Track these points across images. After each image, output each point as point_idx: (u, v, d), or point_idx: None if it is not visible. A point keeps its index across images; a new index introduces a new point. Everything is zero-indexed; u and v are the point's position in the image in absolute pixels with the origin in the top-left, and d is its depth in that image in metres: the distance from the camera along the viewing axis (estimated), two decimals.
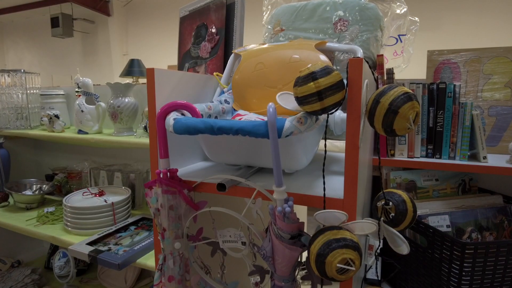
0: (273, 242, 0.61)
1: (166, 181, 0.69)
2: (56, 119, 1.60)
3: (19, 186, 1.66)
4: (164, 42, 6.30)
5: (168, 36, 6.24)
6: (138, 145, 1.32)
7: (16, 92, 1.73)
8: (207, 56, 1.25)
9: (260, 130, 0.59)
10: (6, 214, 1.52)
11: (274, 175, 0.59)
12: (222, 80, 0.99)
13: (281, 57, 0.90)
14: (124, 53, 6.81)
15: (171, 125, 0.68)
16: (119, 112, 1.44)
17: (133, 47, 6.75)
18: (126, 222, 1.36)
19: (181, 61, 1.40)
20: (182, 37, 1.40)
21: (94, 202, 1.37)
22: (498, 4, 4.07)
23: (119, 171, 1.59)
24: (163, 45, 6.28)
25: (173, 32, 6.15)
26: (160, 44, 6.38)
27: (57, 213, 1.49)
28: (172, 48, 6.00)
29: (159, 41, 6.41)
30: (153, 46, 6.46)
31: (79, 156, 1.85)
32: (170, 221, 0.70)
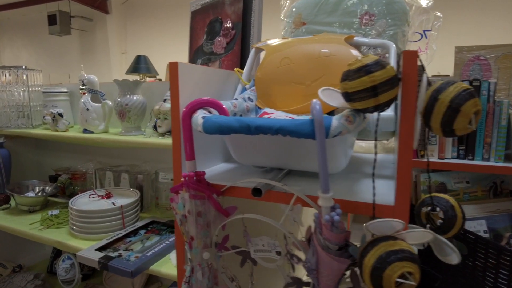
0: (319, 253, 0.54)
1: (194, 185, 0.63)
2: (60, 118, 1.53)
3: (21, 188, 1.58)
4: (163, 40, 6.22)
5: (168, 34, 6.16)
6: (148, 145, 1.26)
7: (17, 90, 1.65)
8: (222, 51, 1.18)
9: (304, 129, 0.53)
10: (8, 217, 1.44)
11: (321, 180, 0.53)
12: (243, 76, 0.93)
13: (308, 52, 0.84)
14: (122, 51, 6.71)
15: (200, 124, 0.61)
16: (127, 111, 1.36)
17: (132, 45, 6.66)
18: (136, 226, 1.29)
19: (193, 57, 1.34)
20: (194, 32, 1.33)
21: (102, 205, 1.30)
22: (499, 3, 4.03)
23: (126, 172, 1.52)
24: (163, 43, 6.20)
25: (173, 30, 6.09)
26: (159, 43, 6.29)
27: (62, 216, 1.41)
28: (172, 46, 5.91)
29: (158, 39, 6.32)
30: (153, 45, 6.37)
31: (83, 157, 1.77)
32: (198, 229, 0.63)
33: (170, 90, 0.70)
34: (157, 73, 1.44)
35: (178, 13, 6.06)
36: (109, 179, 1.55)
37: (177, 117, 0.71)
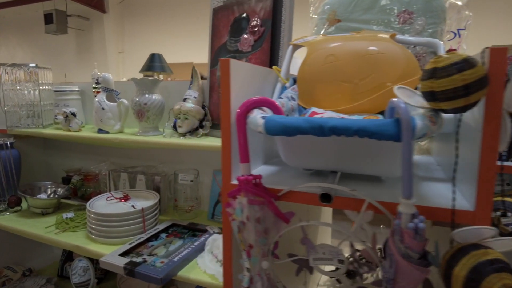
0: (398, 262, 0.50)
1: (254, 190, 0.58)
2: (73, 117, 1.46)
3: (33, 189, 1.52)
4: (161, 40, 6.14)
5: (165, 33, 6.09)
6: (169, 145, 1.20)
7: (27, 88, 1.58)
8: (248, 49, 1.13)
9: (387, 130, 0.48)
10: (21, 220, 1.38)
11: (404, 185, 0.49)
12: (282, 74, 0.88)
13: (355, 49, 0.80)
14: (120, 50, 6.62)
15: (260, 124, 0.57)
16: (145, 110, 1.31)
17: (129, 44, 6.57)
18: (156, 230, 1.24)
19: (214, 56, 1.28)
20: (216, 29, 1.28)
21: (122, 208, 1.24)
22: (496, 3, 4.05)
23: (143, 173, 1.47)
24: (161, 43, 6.12)
25: (171, 30, 6.01)
26: (157, 43, 6.22)
27: (78, 219, 1.35)
28: (170, 46, 5.83)
29: (156, 39, 6.25)
30: (150, 44, 6.29)
31: (94, 157, 1.71)
32: (257, 236, 0.59)
33: (222, 88, 0.65)
34: (171, 71, 1.39)
35: (176, 12, 6.00)
36: (124, 180, 1.49)
37: (227, 117, 0.66)
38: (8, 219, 1.39)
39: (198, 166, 1.44)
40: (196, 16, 5.82)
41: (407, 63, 0.76)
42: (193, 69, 1.36)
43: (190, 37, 5.86)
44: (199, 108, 1.28)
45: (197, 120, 1.28)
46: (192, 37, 5.82)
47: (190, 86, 1.34)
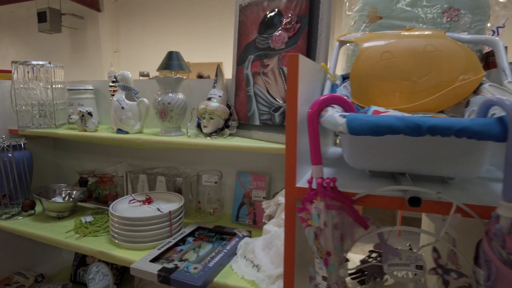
0: (498, 269, 0.46)
1: (332, 194, 0.54)
2: (89, 117, 1.40)
3: (47, 192, 1.45)
4: (157, 39, 6.05)
5: (161, 33, 6.00)
6: (196, 146, 1.15)
7: (38, 87, 1.51)
8: (282, 47, 1.09)
9: (492, 130, 0.45)
10: (37, 225, 1.31)
11: (505, 187, 0.45)
12: (331, 71, 0.84)
13: (412, 46, 0.76)
14: (115, 50, 6.50)
15: (340, 123, 0.52)
16: (169, 110, 1.25)
17: (125, 44, 6.46)
18: (183, 233, 1.18)
19: (241, 54, 1.24)
20: (243, 27, 1.23)
21: (147, 212, 1.19)
22: None
23: (163, 175, 1.41)
24: (156, 43, 6.04)
25: (167, 29, 5.92)
26: (153, 42, 6.13)
27: (97, 223, 1.29)
28: (165, 46, 5.78)
29: (152, 39, 6.16)
30: (146, 44, 6.20)
31: (108, 158, 1.64)
32: (334, 243, 0.54)
33: (288, 85, 0.61)
34: (189, 70, 1.33)
35: (173, 11, 5.91)
36: (143, 182, 1.43)
37: (293, 116, 0.62)
38: (23, 224, 1.32)
39: (220, 167, 1.40)
40: (193, 16, 5.76)
41: (467, 61, 0.73)
42: (218, 67, 1.31)
43: (187, 37, 5.79)
44: (224, 107, 1.23)
45: (222, 120, 1.24)
46: (189, 37, 5.76)
47: (215, 84, 1.30)
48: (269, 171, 1.32)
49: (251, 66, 1.19)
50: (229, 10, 5.33)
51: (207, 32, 5.56)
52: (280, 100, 1.09)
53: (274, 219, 1.10)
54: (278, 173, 1.32)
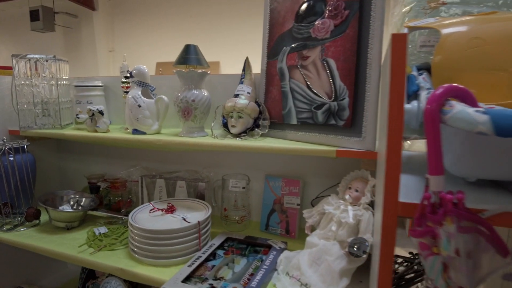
0: None
1: (466, 214, 0.40)
2: (100, 116, 1.24)
3: (54, 200, 1.28)
4: (152, 38, 5.86)
5: (157, 32, 5.81)
6: (225, 148, 1.01)
7: (41, 83, 1.34)
8: (326, 36, 0.95)
9: None
10: (43, 237, 1.14)
11: None
12: None
13: (507, 31, 0.63)
14: (110, 49, 6.29)
15: (481, 121, 0.39)
16: (193, 108, 1.11)
17: (120, 43, 6.25)
18: (212, 246, 1.04)
19: (274, 45, 1.10)
20: (276, 15, 1.09)
21: (172, 222, 1.04)
22: None
23: (183, 179, 1.26)
24: (152, 42, 5.85)
25: (163, 28, 5.74)
26: (148, 41, 5.93)
27: (113, 235, 1.13)
28: (161, 45, 5.57)
29: (147, 38, 5.96)
30: (142, 44, 6.01)
31: (119, 161, 1.48)
32: (469, 276, 0.41)
33: (392, 75, 0.47)
34: (208, 65, 1.20)
35: (169, 10, 5.73)
36: (161, 187, 1.28)
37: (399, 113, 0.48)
38: (28, 236, 1.15)
39: (246, 170, 1.25)
40: (189, 15, 5.58)
41: None
42: (247, 60, 1.17)
43: (183, 36, 5.62)
44: (254, 105, 1.09)
45: (251, 119, 1.10)
46: (185, 36, 5.58)
47: (242, 80, 1.15)
48: (302, 175, 1.18)
49: (287, 59, 1.05)
50: (227, 8, 5.18)
51: (204, 31, 5.40)
52: (324, 96, 0.96)
53: (318, 230, 0.96)
54: (312, 177, 1.18)
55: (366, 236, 0.85)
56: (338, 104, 0.93)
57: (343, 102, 0.92)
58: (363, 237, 0.85)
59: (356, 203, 0.91)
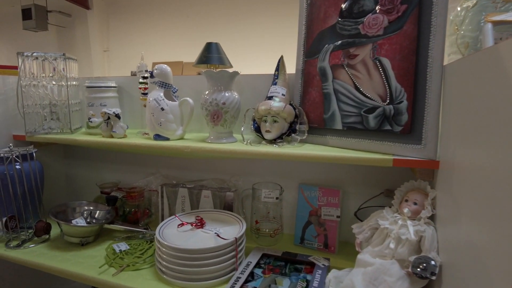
0: None
1: None
2: (117, 120, 1.12)
3: (65, 212, 1.15)
4: (148, 38, 5.71)
5: (153, 32, 5.66)
6: (266, 156, 0.90)
7: (49, 84, 1.21)
8: (378, 33, 0.85)
9: None
10: (56, 255, 1.01)
11: None
12: None
13: None
14: (105, 49, 6.11)
15: None
16: (224, 112, 0.99)
17: (115, 43, 6.08)
18: (250, 265, 0.93)
19: (313, 43, 0.99)
20: (316, 10, 0.98)
21: (205, 239, 0.92)
22: None
23: (208, 188, 1.14)
24: (148, 41, 5.70)
25: (159, 28, 5.58)
26: (144, 41, 5.78)
27: (135, 252, 1.01)
28: (157, 45, 5.42)
29: (143, 38, 5.80)
30: (137, 43, 5.85)
31: (133, 168, 1.35)
32: None
33: None
34: (231, 64, 1.09)
35: (165, 9, 5.58)
36: (183, 197, 1.16)
37: None
38: (39, 253, 1.02)
39: (276, 178, 1.14)
40: (186, 14, 5.45)
41: None
42: (281, 59, 1.06)
43: (179, 36, 5.48)
44: (291, 108, 0.99)
45: (287, 123, 0.99)
46: (181, 36, 5.45)
47: (276, 80, 1.04)
48: (340, 184, 1.08)
49: (330, 57, 0.94)
50: (224, 7, 5.05)
51: (200, 31, 5.27)
52: (376, 98, 0.85)
53: (370, 247, 0.86)
54: (352, 187, 1.08)
55: (432, 254, 0.75)
56: (395, 108, 0.82)
57: (401, 106, 0.82)
58: (428, 255, 0.75)
59: (415, 217, 0.81)
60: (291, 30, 4.98)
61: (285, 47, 5.05)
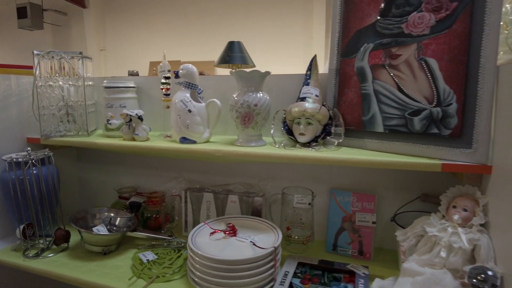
0: None
1: None
2: (139, 122, 1.06)
3: (85, 219, 1.09)
4: (145, 37, 5.62)
5: (150, 31, 5.57)
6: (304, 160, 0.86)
7: (66, 84, 1.15)
8: (424, 32, 0.81)
9: None
10: (79, 265, 0.95)
11: None
12: None
13: None
14: (101, 48, 6.00)
15: None
16: (256, 113, 0.94)
17: (112, 42, 5.98)
18: (288, 275, 0.88)
19: (349, 42, 0.95)
20: (354, 7, 0.94)
21: (242, 248, 0.87)
22: None
23: (235, 193, 1.09)
24: (145, 40, 5.62)
25: (156, 27, 5.49)
26: (141, 40, 5.69)
27: (164, 262, 0.95)
28: (155, 44, 5.33)
29: (140, 37, 5.72)
30: (134, 42, 5.75)
31: (151, 172, 1.29)
32: None
33: None
34: (253, 64, 1.05)
35: (162, 8, 5.49)
36: (208, 203, 1.11)
37: None
38: (60, 263, 0.96)
39: (306, 183, 1.10)
40: (184, 13, 5.37)
41: None
42: (314, 59, 1.01)
43: (177, 35, 5.41)
44: (325, 109, 0.94)
45: (321, 126, 0.95)
46: (179, 35, 5.37)
47: (308, 81, 1.00)
48: (374, 189, 1.04)
49: (369, 57, 0.90)
50: (223, 6, 4.99)
51: (199, 30, 5.19)
52: (422, 100, 0.81)
53: (416, 255, 0.81)
54: (385, 191, 1.04)
55: (489, 265, 0.71)
56: (443, 110, 0.78)
57: (450, 108, 0.78)
58: (485, 265, 0.71)
59: (465, 225, 0.77)
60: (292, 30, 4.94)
61: (288, 46, 4.98)
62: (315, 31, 4.57)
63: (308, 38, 4.62)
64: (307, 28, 4.63)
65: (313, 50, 4.49)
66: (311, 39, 4.60)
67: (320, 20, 4.53)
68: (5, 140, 1.11)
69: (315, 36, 4.58)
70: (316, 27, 4.56)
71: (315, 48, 4.50)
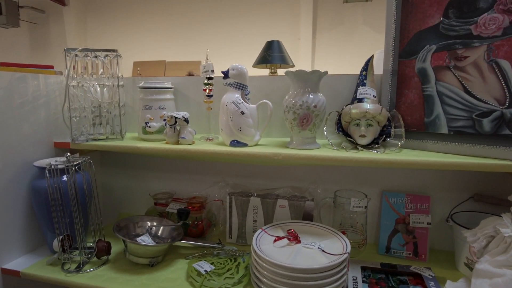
0: None
1: None
2: (185, 125, 1.00)
3: (128, 228, 1.00)
4: (129, 37, 5.44)
5: (134, 31, 5.39)
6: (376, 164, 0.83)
7: (99, 84, 1.06)
8: (496, 33, 0.80)
9: None
10: (129, 279, 0.86)
11: None
12: None
13: None
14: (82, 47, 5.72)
15: None
16: (314, 115, 0.91)
17: (93, 41, 5.74)
18: (357, 280, 0.85)
19: (409, 43, 0.93)
20: (413, 8, 0.92)
21: (313, 256, 0.83)
22: None
23: (284, 198, 1.05)
24: (128, 40, 5.43)
25: (140, 26, 5.33)
26: (124, 40, 5.50)
27: (224, 273, 0.89)
28: (138, 43, 5.16)
29: (123, 36, 5.52)
30: (117, 42, 5.54)
31: (186, 177, 1.22)
32: None
33: None
34: (293, 63, 1.00)
35: (146, 7, 5.33)
36: (255, 208, 1.06)
37: None
38: (107, 278, 0.88)
39: (357, 185, 1.07)
40: (169, 13, 5.24)
41: None
42: (371, 60, 0.99)
43: (162, 35, 5.27)
44: (386, 111, 0.92)
45: (379, 127, 0.93)
46: (164, 35, 5.23)
47: (364, 81, 0.98)
48: (427, 190, 1.03)
49: (432, 59, 0.88)
50: (210, 5, 4.90)
51: (184, 30, 5.08)
52: (492, 101, 0.80)
53: (488, 256, 0.81)
54: (437, 192, 1.03)
55: None
56: None
57: None
58: None
59: None
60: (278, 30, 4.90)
61: None
62: (302, 32, 4.57)
63: (295, 39, 4.62)
64: (295, 28, 4.62)
65: (301, 51, 4.50)
66: (298, 40, 4.60)
67: (307, 21, 4.54)
68: (33, 145, 1.01)
69: (302, 37, 4.59)
70: (303, 28, 4.57)
71: (302, 49, 4.52)
